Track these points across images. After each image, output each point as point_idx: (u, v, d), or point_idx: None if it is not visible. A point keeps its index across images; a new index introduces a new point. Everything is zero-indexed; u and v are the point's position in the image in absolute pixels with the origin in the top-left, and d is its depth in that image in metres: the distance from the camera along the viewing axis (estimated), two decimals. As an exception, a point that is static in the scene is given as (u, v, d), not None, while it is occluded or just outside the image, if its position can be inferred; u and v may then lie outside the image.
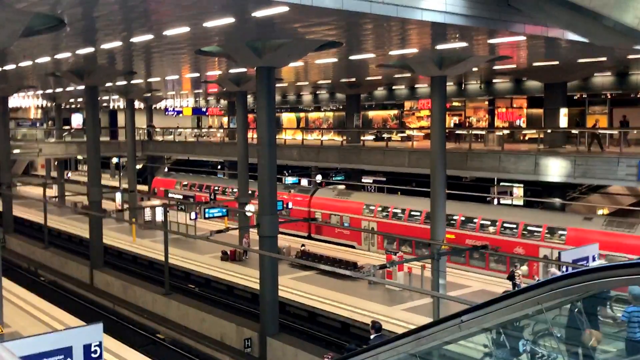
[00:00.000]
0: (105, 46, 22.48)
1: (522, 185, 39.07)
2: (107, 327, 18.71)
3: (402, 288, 25.50)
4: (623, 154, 24.72)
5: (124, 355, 19.78)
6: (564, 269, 18.40)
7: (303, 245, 32.86)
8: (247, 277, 29.48)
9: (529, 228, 28.84)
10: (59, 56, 25.55)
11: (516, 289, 21.43)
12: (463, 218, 31.27)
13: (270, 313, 23.27)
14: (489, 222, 30.51)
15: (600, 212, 34.90)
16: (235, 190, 40.64)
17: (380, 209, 36.60)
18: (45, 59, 26.72)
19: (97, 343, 14.75)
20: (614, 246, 25.29)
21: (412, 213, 34.34)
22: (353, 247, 36.30)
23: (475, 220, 30.92)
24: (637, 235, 25.55)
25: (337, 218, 38.44)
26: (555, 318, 7.64)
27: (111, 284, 32.35)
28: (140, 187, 51.48)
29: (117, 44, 21.87)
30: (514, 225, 29.45)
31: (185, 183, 52.18)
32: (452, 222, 30.67)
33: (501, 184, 38.97)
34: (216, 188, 48.09)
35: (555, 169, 26.18)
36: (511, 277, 23.80)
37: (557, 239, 27.54)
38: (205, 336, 25.69)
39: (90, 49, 23.54)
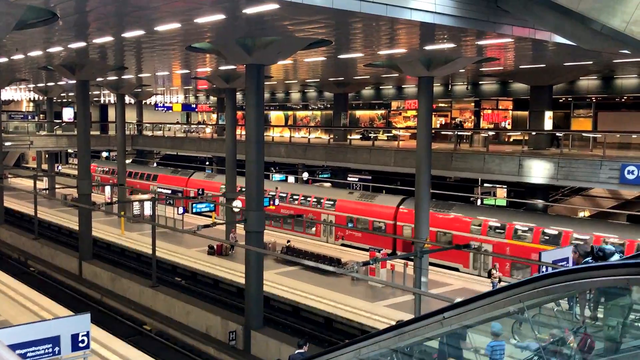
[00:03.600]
0: (97, 41, 22.70)
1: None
2: (95, 318, 19.02)
3: (384, 285, 25.86)
4: (606, 156, 25.16)
5: (110, 345, 20.03)
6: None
7: (289, 241, 33.19)
8: (233, 271, 29.81)
9: (317, 199, 39.00)
10: (51, 50, 25.73)
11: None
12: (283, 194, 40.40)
13: (255, 307, 23.62)
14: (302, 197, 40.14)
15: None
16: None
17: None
18: (38, 53, 26.91)
19: (85, 333, 15.10)
20: (363, 212, 35.78)
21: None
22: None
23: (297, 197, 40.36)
24: (375, 203, 35.35)
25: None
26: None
27: (99, 276, 32.61)
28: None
29: (108, 38, 22.06)
30: (315, 199, 39.15)
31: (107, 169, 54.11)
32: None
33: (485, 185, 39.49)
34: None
35: (538, 171, 26.58)
36: (489, 275, 24.28)
37: (332, 207, 37.41)
38: (191, 328, 26.03)
39: (82, 44, 23.74)
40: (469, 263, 30.01)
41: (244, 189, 24.70)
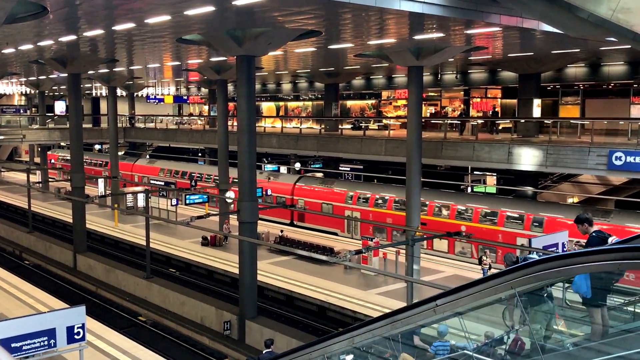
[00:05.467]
0: (88, 34, 22.74)
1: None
2: (90, 310, 19.29)
3: (376, 273, 26.13)
4: (594, 143, 25.40)
5: (106, 336, 20.25)
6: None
7: (282, 231, 33.41)
8: (226, 261, 30.03)
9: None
10: (41, 43, 25.75)
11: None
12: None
13: (249, 297, 23.84)
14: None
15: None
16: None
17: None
18: (28, 46, 26.90)
19: (80, 325, 15.29)
20: (270, 189, 37.85)
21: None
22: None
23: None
24: (279, 182, 40.43)
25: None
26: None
27: (94, 268, 32.78)
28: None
29: (99, 31, 22.11)
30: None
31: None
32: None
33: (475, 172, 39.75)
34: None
35: (527, 158, 26.82)
36: (480, 262, 24.58)
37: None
38: (186, 319, 26.26)
39: (73, 37, 23.78)
40: (344, 228, 36.64)
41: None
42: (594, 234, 8.97)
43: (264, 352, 15.55)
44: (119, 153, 50.93)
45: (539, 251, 16.03)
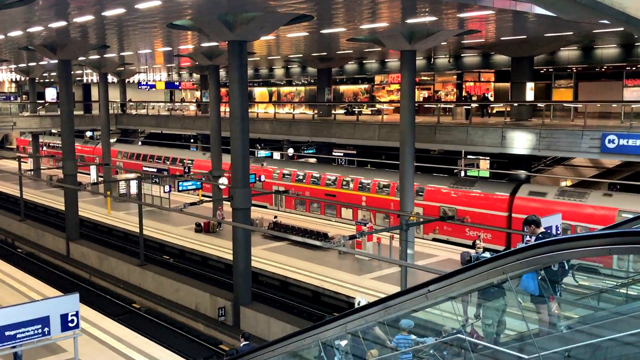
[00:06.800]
0: (78, 20, 22.54)
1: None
2: (84, 297, 19.15)
3: (370, 258, 26.14)
4: (587, 126, 25.42)
5: (100, 324, 20.20)
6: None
7: (275, 217, 33.39)
8: (220, 248, 30.00)
9: (191, 160, 48.14)
10: (31, 30, 25.51)
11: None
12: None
13: (243, 283, 23.85)
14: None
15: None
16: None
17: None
18: (18, 33, 26.67)
19: (74, 312, 15.20)
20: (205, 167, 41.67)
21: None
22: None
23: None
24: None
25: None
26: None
27: (87, 255, 32.71)
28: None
29: (89, 17, 21.93)
30: (190, 161, 48.21)
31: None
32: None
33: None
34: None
35: (520, 142, 26.84)
36: (473, 246, 24.61)
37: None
38: (180, 305, 26.27)
39: (63, 23, 23.57)
40: (272, 202, 40.36)
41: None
42: (540, 235, 9.37)
43: (241, 344, 15.53)
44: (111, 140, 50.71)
45: (492, 251, 16.24)
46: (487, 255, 8.60)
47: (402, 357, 9.05)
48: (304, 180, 39.47)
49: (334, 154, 46.92)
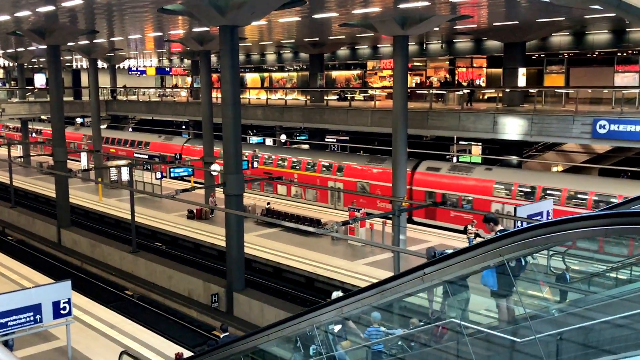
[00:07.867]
0: (66, 4, 22.29)
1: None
2: (76, 285, 19.13)
3: (363, 243, 26.17)
4: (578, 112, 25.45)
5: (92, 311, 20.20)
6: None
7: (268, 203, 33.34)
8: (213, 234, 29.94)
9: (143, 142, 52.27)
10: (19, 14, 25.22)
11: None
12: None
13: (236, 269, 23.82)
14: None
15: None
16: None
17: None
18: (5, 17, 26.36)
19: (66, 300, 15.21)
20: (167, 149, 48.08)
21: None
22: None
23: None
24: (172, 143, 48.71)
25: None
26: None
27: (79, 243, 32.58)
28: None
29: (78, 2, 21.68)
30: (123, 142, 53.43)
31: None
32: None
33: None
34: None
35: (512, 128, 26.86)
36: (465, 231, 24.71)
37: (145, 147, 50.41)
38: (173, 292, 26.23)
39: (51, 7, 23.32)
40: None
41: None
42: (498, 232, 9.38)
43: (222, 336, 15.58)
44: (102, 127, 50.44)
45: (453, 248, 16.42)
46: (449, 251, 8.66)
47: (374, 348, 9.29)
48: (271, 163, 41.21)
49: (326, 140, 46.85)
